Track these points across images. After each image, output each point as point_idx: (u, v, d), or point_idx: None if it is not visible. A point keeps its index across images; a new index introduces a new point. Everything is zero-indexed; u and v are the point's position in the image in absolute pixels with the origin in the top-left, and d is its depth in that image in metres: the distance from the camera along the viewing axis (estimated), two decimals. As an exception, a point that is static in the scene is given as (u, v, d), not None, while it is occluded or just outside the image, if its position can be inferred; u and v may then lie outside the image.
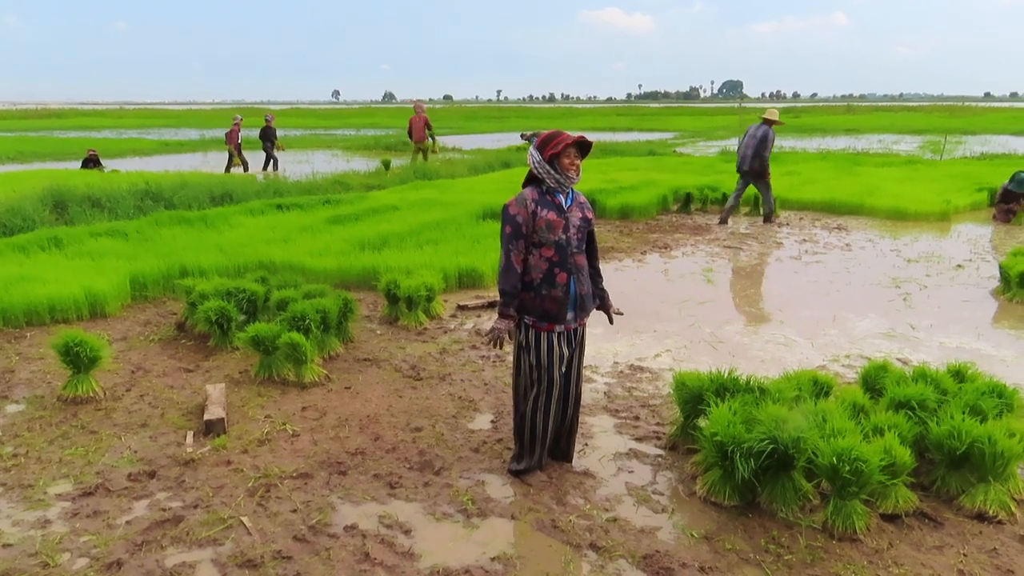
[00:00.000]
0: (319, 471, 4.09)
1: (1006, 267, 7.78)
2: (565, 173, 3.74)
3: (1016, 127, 40.13)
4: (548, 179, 3.76)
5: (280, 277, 6.88)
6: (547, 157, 3.74)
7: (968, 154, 24.06)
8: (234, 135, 20.12)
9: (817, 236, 11.14)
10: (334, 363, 5.71)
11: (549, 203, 3.78)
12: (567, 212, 3.81)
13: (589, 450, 4.35)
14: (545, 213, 3.75)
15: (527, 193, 3.81)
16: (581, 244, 3.89)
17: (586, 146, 3.79)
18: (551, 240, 3.76)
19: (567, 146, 3.72)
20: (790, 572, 3.23)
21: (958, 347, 6.16)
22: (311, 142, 33.73)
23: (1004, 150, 25.44)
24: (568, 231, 3.80)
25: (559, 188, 3.79)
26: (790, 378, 4.46)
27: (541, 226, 3.74)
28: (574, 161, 3.75)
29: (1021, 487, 3.80)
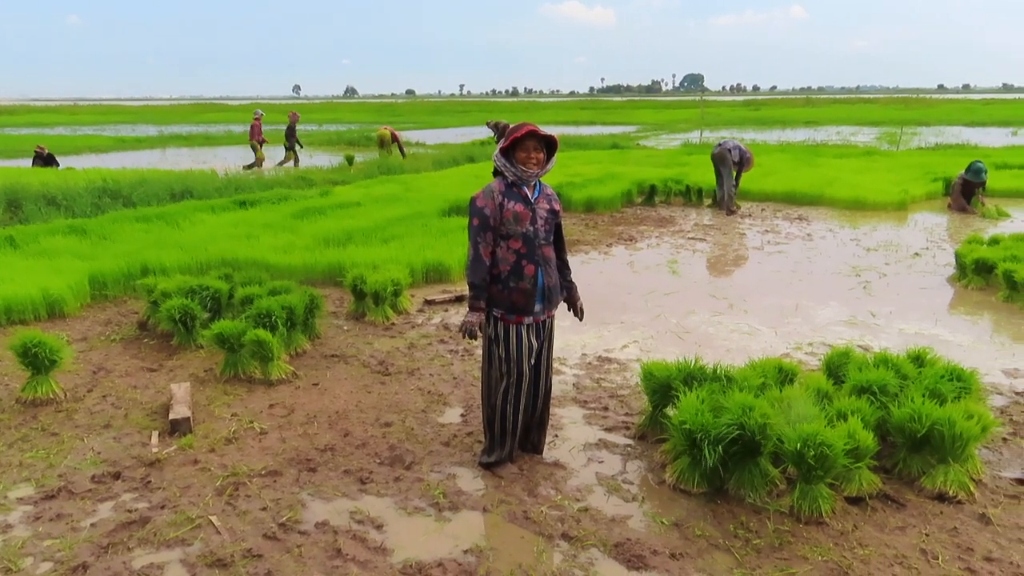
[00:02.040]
0: (288, 468, 4.05)
1: (961, 255, 7.97)
2: (521, 167, 3.74)
3: (968, 118, 41.07)
4: (506, 172, 3.77)
5: (244, 274, 6.80)
6: (503, 150, 3.75)
7: (923, 145, 24.56)
8: (257, 130, 20.03)
9: (779, 227, 11.30)
10: (301, 360, 5.66)
11: (516, 195, 3.78)
12: (534, 204, 3.82)
13: (559, 441, 4.37)
14: (512, 205, 3.75)
15: (494, 185, 3.81)
16: (549, 236, 3.90)
17: (550, 140, 3.79)
18: (519, 232, 3.76)
19: (521, 139, 3.71)
20: (758, 556, 3.28)
21: (917, 333, 6.30)
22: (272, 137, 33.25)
23: (957, 141, 26.03)
24: (536, 223, 3.80)
25: (520, 181, 3.79)
26: (756, 366, 4.52)
27: (508, 218, 3.74)
28: (531, 155, 3.74)
29: (979, 467, 3.91)
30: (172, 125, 44.77)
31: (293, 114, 21.17)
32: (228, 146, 29.56)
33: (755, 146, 24.11)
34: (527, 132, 3.71)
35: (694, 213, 12.66)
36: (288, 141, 21.13)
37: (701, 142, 26.51)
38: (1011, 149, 21.28)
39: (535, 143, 3.76)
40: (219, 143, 31.07)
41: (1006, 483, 3.87)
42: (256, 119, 20.41)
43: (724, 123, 41.10)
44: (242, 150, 27.01)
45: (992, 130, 33.60)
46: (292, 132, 21.05)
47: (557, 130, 34.34)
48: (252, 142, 20.34)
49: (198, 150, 27.86)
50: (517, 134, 3.71)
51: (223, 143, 31.05)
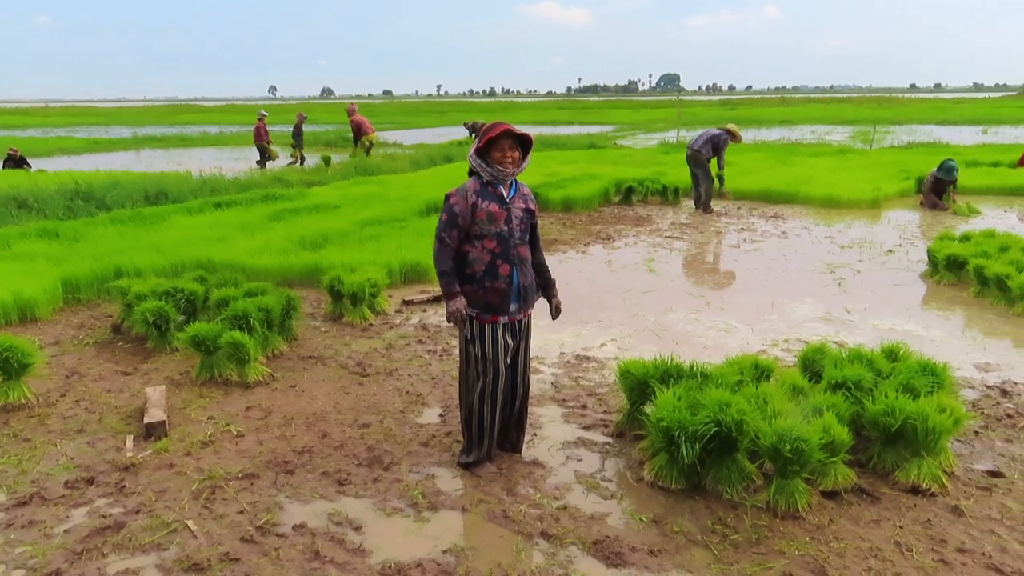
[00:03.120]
0: (265, 471, 4.02)
1: (933, 251, 8.08)
2: (496, 166, 3.73)
3: (940, 117, 41.64)
4: (482, 172, 3.77)
5: (220, 276, 6.75)
6: (477, 150, 3.75)
7: (896, 143, 24.86)
8: (263, 131, 20.18)
9: (755, 225, 11.39)
10: (278, 362, 5.62)
11: (491, 194, 3.78)
12: (509, 203, 3.81)
13: (538, 440, 4.38)
14: (486, 205, 3.74)
15: (469, 184, 3.80)
16: (524, 235, 3.89)
17: (524, 138, 3.78)
18: (493, 232, 3.76)
19: (495, 139, 3.71)
20: (736, 551, 3.30)
21: (891, 329, 6.37)
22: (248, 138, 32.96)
23: (929, 139, 26.36)
24: (511, 222, 3.80)
25: (496, 181, 3.78)
26: (732, 363, 4.56)
27: (482, 217, 3.74)
28: (507, 154, 3.73)
29: (952, 460, 3.96)
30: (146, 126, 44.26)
31: (300, 115, 21.55)
32: (203, 147, 29.30)
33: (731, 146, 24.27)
34: (502, 131, 3.71)
35: (671, 212, 12.72)
36: (296, 140, 21.46)
37: (678, 141, 26.67)
38: (981, 147, 21.60)
39: (510, 142, 3.75)
40: (194, 144, 30.78)
41: (978, 475, 3.93)
42: (260, 120, 20.46)
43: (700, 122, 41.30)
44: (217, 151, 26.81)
45: (963, 128, 34.08)
46: (299, 132, 21.38)
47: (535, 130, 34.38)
48: (260, 144, 20.38)
49: (173, 151, 27.58)
50: (492, 133, 3.70)
51: (198, 144, 30.76)
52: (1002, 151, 19.32)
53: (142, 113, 66.69)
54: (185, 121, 51.45)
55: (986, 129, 32.85)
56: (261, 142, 20.48)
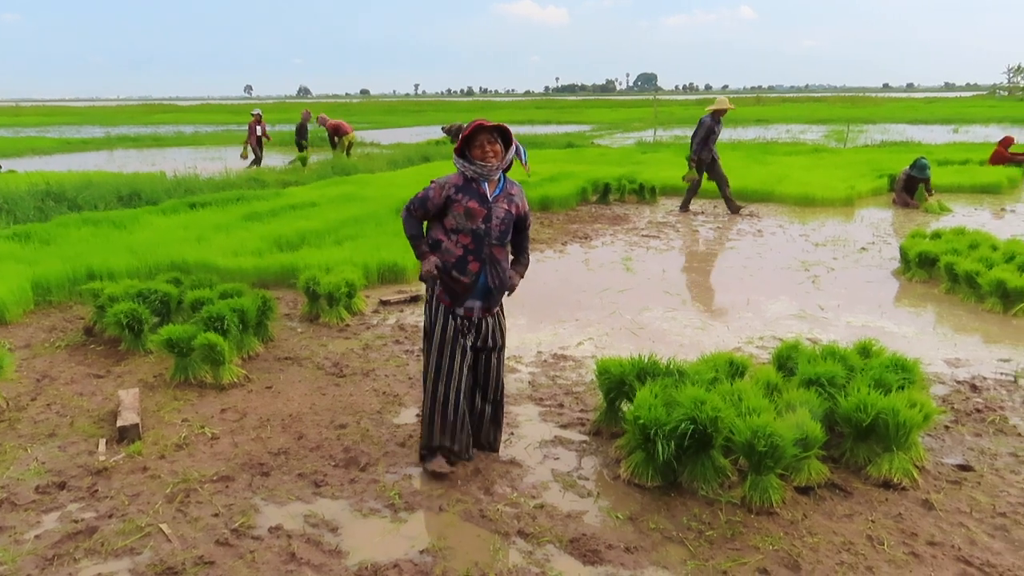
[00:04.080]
0: (241, 473, 3.99)
1: (905, 248, 8.18)
2: (479, 162, 3.72)
3: (912, 116, 42.17)
4: (466, 171, 3.76)
5: (195, 277, 6.69)
6: (458, 150, 3.76)
7: (869, 142, 25.15)
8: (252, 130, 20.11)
9: (731, 223, 11.47)
10: (254, 363, 5.58)
11: (473, 191, 3.76)
12: (492, 203, 3.78)
13: (515, 439, 4.38)
14: (466, 201, 3.73)
15: (452, 177, 3.81)
16: (503, 237, 3.85)
17: (502, 129, 3.77)
18: (469, 228, 3.74)
19: (472, 136, 3.71)
20: (711, 547, 3.33)
21: (864, 325, 6.45)
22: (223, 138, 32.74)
23: (902, 138, 26.70)
24: (489, 221, 3.77)
25: (482, 177, 3.76)
26: (707, 360, 4.59)
27: (460, 212, 3.73)
28: (487, 148, 3.71)
29: (922, 455, 4.02)
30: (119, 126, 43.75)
31: (306, 112, 21.40)
32: (178, 147, 29.01)
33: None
34: (476, 127, 3.70)
35: (648, 211, 12.78)
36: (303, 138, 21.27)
37: (655, 141, 26.80)
38: (952, 146, 21.92)
39: (488, 136, 3.73)
40: (168, 144, 30.48)
41: (948, 469, 3.99)
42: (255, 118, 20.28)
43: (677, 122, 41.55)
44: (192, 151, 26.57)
45: (934, 127, 34.54)
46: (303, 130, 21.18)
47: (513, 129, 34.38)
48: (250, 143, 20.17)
49: (147, 152, 27.28)
50: (466, 132, 3.71)
51: (173, 144, 30.46)
52: (972, 149, 19.62)
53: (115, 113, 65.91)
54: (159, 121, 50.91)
55: (957, 128, 33.32)
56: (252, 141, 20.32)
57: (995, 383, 5.17)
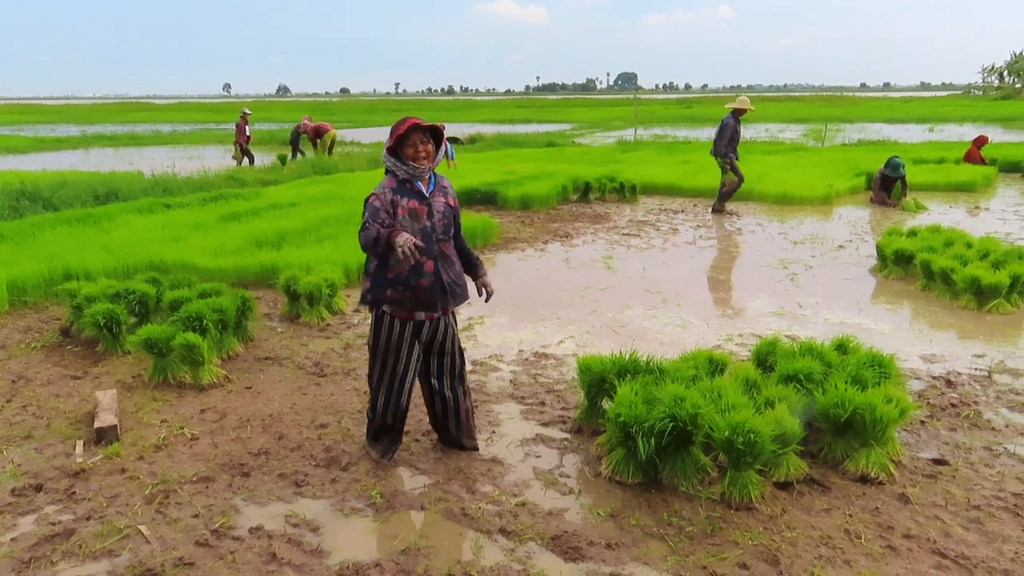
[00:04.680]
0: (221, 474, 3.97)
1: (882, 246, 8.28)
2: (410, 162, 3.68)
3: (889, 115, 42.65)
4: (397, 171, 3.71)
5: (173, 277, 6.63)
6: (389, 149, 3.70)
7: (846, 141, 25.41)
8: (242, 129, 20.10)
9: (711, 222, 11.56)
10: (234, 363, 5.55)
11: (409, 191, 3.72)
12: (430, 198, 3.77)
13: (497, 437, 4.39)
14: (407, 202, 3.69)
15: (386, 182, 3.75)
16: (447, 231, 3.85)
17: (435, 130, 3.74)
18: (416, 228, 3.70)
19: (404, 135, 3.66)
20: (691, 543, 3.35)
21: (841, 322, 6.52)
22: (202, 137, 32.51)
23: (879, 137, 26.99)
24: (432, 217, 3.76)
25: (413, 177, 3.72)
26: (688, 358, 4.63)
27: (404, 215, 3.67)
28: (419, 148, 3.68)
29: (899, 449, 4.07)
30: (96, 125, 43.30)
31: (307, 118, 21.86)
32: (155, 146, 28.76)
33: (688, 144, 24.61)
34: (411, 126, 3.66)
35: (628, 209, 12.83)
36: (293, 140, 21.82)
37: (636, 140, 26.91)
38: (928, 144, 22.19)
39: (421, 136, 3.69)
40: (146, 143, 30.19)
41: (923, 463, 4.05)
42: (243, 118, 20.19)
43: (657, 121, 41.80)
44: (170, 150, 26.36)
45: (910, 126, 34.95)
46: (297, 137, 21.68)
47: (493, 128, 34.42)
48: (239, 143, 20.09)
49: (123, 150, 27.02)
50: (400, 130, 3.65)
51: (150, 143, 30.19)
52: (947, 148, 19.86)
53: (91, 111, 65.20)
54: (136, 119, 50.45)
55: (932, 127, 33.72)
56: (240, 140, 20.23)
57: (969, 378, 5.24)
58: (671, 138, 28.23)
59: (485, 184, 13.36)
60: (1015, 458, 4.11)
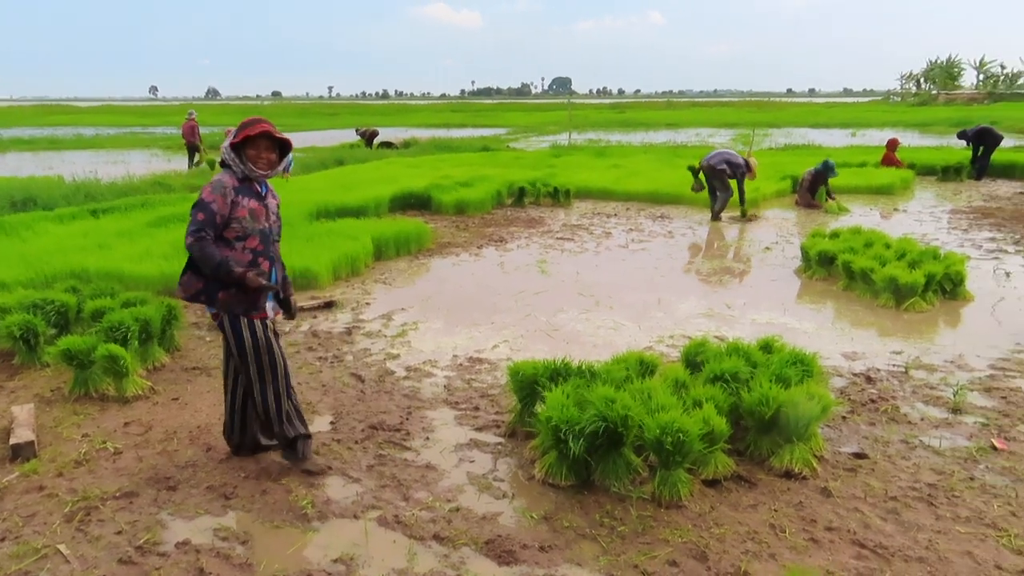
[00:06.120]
0: (146, 488, 3.86)
1: (806, 248, 8.55)
2: (251, 164, 3.66)
3: (814, 120, 43.98)
4: (234, 167, 3.67)
5: (95, 286, 6.42)
6: (233, 145, 3.65)
7: (773, 145, 26.11)
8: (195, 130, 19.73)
9: (643, 225, 11.74)
10: (160, 374, 5.40)
11: (249, 191, 3.70)
12: (265, 200, 3.78)
13: (431, 443, 4.38)
14: (247, 202, 3.67)
15: (226, 180, 3.65)
16: (279, 233, 3.90)
17: (284, 143, 3.73)
18: (256, 229, 3.69)
19: (253, 137, 3.63)
20: (623, 542, 3.41)
21: (768, 322, 6.70)
22: (127, 141, 31.54)
23: (804, 141, 27.82)
24: (269, 219, 3.78)
25: (248, 178, 3.70)
26: (619, 360, 4.69)
27: (244, 216, 3.64)
28: (263, 155, 3.67)
29: (821, 445, 4.21)
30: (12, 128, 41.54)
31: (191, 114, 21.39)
32: (77, 151, 27.73)
33: (620, 148, 24.95)
34: (262, 131, 3.64)
35: (562, 213, 12.95)
36: None
37: (570, 144, 27.16)
38: (850, 149, 22.96)
39: (268, 143, 3.69)
40: (67, 147, 29.09)
41: (844, 457, 4.19)
42: (190, 119, 19.65)
43: (591, 125, 42.26)
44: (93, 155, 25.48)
45: (834, 131, 36.12)
46: None
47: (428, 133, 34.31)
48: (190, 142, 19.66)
49: (43, 155, 25.98)
50: (251, 132, 3.62)
51: (71, 147, 29.09)
52: (869, 152, 20.59)
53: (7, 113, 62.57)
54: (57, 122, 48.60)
55: (855, 132, 34.92)
56: (192, 140, 19.80)
57: (888, 374, 5.45)
58: (604, 143, 28.58)
59: (419, 189, 13.30)
60: (929, 450, 4.29)
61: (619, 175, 16.03)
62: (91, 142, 31.38)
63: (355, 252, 8.56)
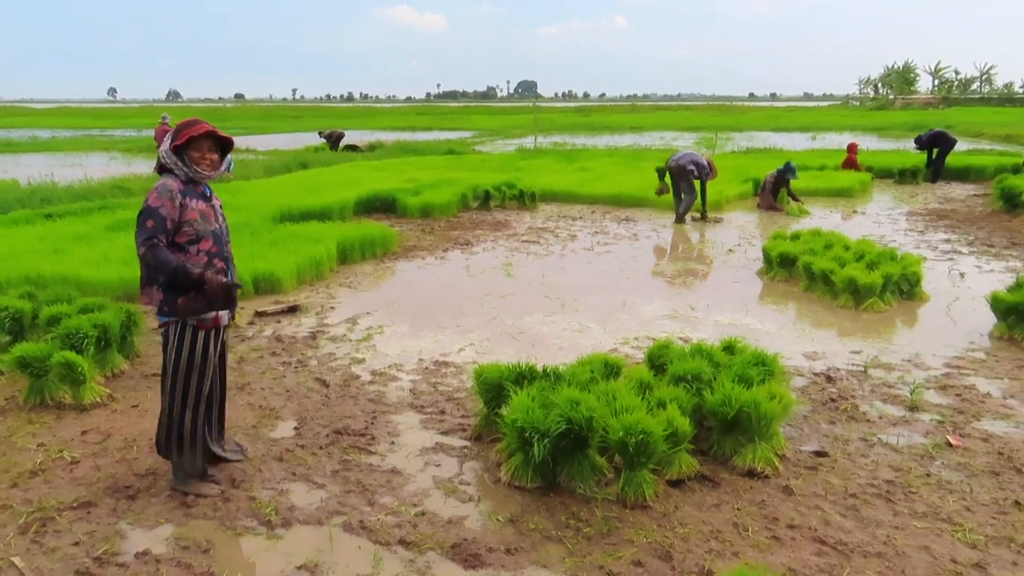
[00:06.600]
0: (104, 498, 3.79)
1: (768, 249, 8.67)
2: (194, 166, 3.61)
3: (775, 124, 44.62)
4: (176, 170, 3.60)
5: (51, 292, 6.27)
6: (175, 147, 3.57)
7: (735, 149, 26.44)
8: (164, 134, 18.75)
9: (608, 228, 11.81)
10: (119, 381, 5.31)
11: (196, 193, 3.64)
12: (212, 201, 3.74)
13: (396, 448, 4.36)
14: (196, 204, 3.60)
15: (171, 184, 3.56)
16: (229, 233, 3.85)
17: (226, 142, 3.70)
18: (208, 231, 3.64)
19: (197, 138, 3.58)
20: (589, 543, 3.42)
21: (730, 323, 6.78)
22: (85, 144, 30.94)
23: (765, 145, 28.19)
24: (219, 220, 3.74)
25: (192, 180, 3.64)
26: (584, 362, 4.71)
27: (195, 218, 3.58)
28: (206, 155, 3.62)
29: (783, 443, 4.27)
30: (-35, 131, 40.53)
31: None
32: (32, 153, 27.13)
33: (586, 151, 25.08)
34: (205, 132, 3.60)
35: (528, 217, 12.98)
36: None
37: (535, 147, 27.22)
38: (810, 152, 23.32)
39: (211, 143, 3.65)
40: (22, 150, 28.42)
41: (806, 456, 4.26)
42: (163, 123, 19.28)
43: (557, 129, 42.42)
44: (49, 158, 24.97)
45: (795, 135, 36.65)
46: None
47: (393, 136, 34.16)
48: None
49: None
50: (193, 132, 3.56)
51: (26, 150, 28.42)
52: (828, 155, 20.93)
53: (-40, 116, 61.03)
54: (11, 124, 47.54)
55: (815, 136, 35.49)
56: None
57: (847, 373, 5.55)
58: (570, 146, 28.70)
59: (384, 192, 13.24)
60: (888, 447, 4.37)
61: (584, 178, 16.12)
62: (47, 145, 30.71)
63: (319, 256, 8.49)
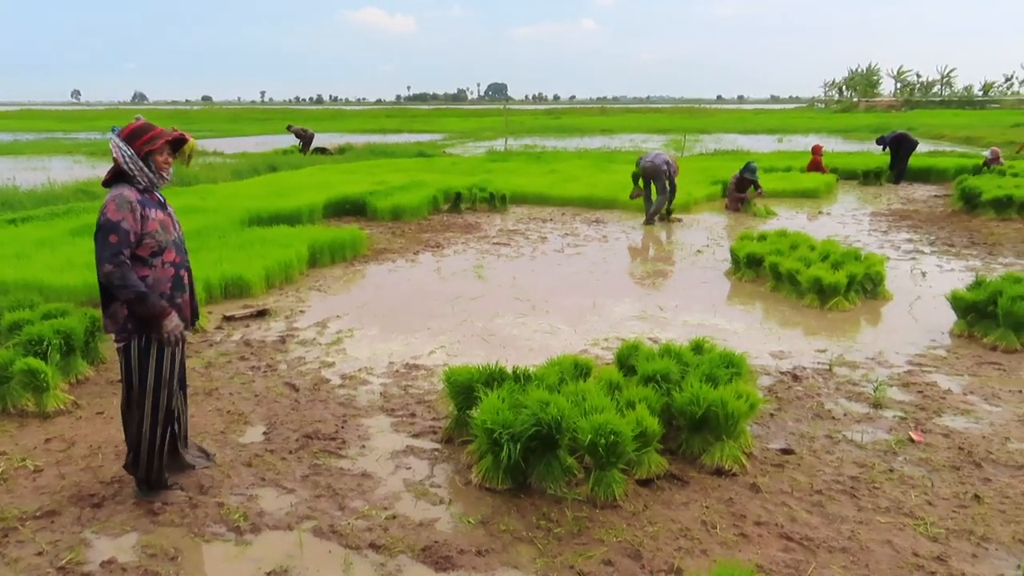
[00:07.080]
0: (68, 507, 3.73)
1: (735, 250, 8.77)
2: (159, 172, 3.56)
3: (742, 126, 45.18)
4: (140, 176, 3.48)
5: (13, 298, 6.16)
6: (141, 152, 3.48)
7: (704, 151, 26.71)
8: None
9: (578, 230, 11.87)
10: (83, 387, 5.23)
11: (153, 202, 3.55)
12: (168, 209, 3.68)
13: (367, 451, 4.35)
14: (155, 214, 3.52)
15: (128, 194, 3.43)
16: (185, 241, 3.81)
17: (179, 144, 3.67)
18: (170, 241, 3.58)
19: (164, 143, 3.54)
20: (559, 544, 3.44)
21: (699, 323, 6.85)
22: (48, 147, 30.36)
23: (733, 147, 28.52)
24: (176, 228, 3.70)
25: (153, 187, 3.58)
26: (554, 363, 4.74)
27: (156, 229, 3.49)
28: (168, 159, 3.59)
29: (750, 442, 4.33)
30: (-78, 134, 39.64)
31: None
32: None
33: (556, 153, 25.19)
34: (177, 137, 3.59)
35: (499, 219, 12.99)
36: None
37: (506, 150, 27.27)
38: (777, 154, 23.63)
39: (169, 148, 3.63)
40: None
41: (772, 454, 4.32)
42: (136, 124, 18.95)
43: (527, 131, 42.50)
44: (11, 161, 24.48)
45: (762, 137, 37.10)
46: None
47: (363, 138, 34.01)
48: None
49: (-45, 162, 24.82)
50: (166, 137, 3.53)
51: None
52: (794, 157, 21.23)
53: (-83, 119, 59.67)
54: (-29, 128, 46.54)
55: (781, 138, 35.96)
56: None
57: (813, 372, 5.64)
58: (540, 148, 28.78)
59: (354, 195, 13.18)
60: (852, 444, 4.45)
61: (555, 180, 16.18)
62: (9, 148, 30.11)
63: (289, 259, 8.43)
